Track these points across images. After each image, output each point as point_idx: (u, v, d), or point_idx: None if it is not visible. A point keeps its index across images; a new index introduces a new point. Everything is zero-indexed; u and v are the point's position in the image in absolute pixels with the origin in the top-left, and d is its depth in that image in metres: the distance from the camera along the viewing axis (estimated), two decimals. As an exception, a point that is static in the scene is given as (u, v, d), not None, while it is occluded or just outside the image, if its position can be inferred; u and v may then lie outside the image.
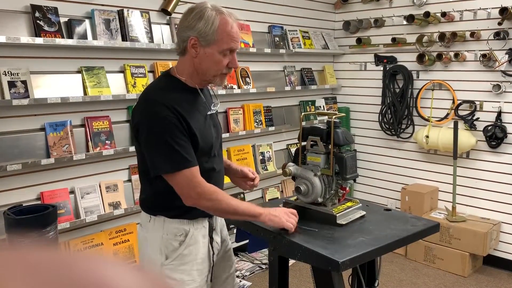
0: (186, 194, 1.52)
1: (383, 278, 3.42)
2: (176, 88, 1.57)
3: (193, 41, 1.51)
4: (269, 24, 3.94)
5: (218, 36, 1.50)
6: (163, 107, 1.47)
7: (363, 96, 4.43)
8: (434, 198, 3.93)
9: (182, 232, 1.60)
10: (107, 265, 0.30)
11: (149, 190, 1.63)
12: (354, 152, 1.79)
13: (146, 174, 1.60)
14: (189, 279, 1.61)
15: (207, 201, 1.52)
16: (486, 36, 3.50)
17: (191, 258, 1.61)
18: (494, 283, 3.40)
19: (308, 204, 1.79)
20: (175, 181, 1.52)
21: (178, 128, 1.48)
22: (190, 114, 1.53)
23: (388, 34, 4.10)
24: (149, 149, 1.52)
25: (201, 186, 1.51)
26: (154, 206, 1.63)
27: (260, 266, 3.57)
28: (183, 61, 1.59)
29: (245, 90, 3.64)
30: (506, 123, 3.50)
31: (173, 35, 3.19)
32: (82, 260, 0.29)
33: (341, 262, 1.40)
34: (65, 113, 2.71)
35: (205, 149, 1.59)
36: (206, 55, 1.52)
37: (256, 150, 3.89)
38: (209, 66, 1.54)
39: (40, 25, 2.51)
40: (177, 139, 1.48)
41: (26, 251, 0.29)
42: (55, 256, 0.30)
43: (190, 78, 1.59)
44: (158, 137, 1.48)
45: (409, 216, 1.87)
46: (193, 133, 1.52)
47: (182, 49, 1.56)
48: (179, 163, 1.48)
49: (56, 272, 0.28)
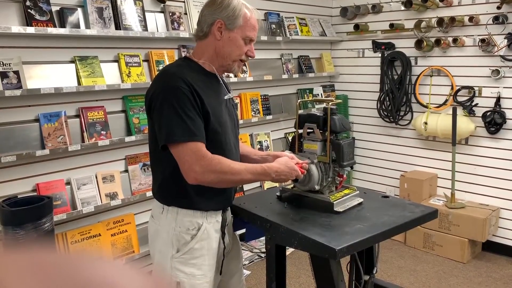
0: (188, 168, 1.47)
1: (382, 265, 3.42)
2: (194, 69, 1.60)
3: (220, 24, 1.56)
4: (266, 11, 3.89)
5: (243, 23, 1.58)
6: (178, 79, 1.49)
7: (361, 83, 4.39)
8: (433, 185, 3.92)
9: (195, 225, 1.59)
10: (112, 267, 0.30)
11: (161, 177, 1.61)
12: (351, 139, 1.77)
13: (158, 160, 1.59)
14: (199, 273, 1.60)
15: (211, 174, 1.48)
16: (485, 21, 3.46)
17: (203, 252, 1.60)
18: (493, 269, 3.40)
19: (305, 192, 1.78)
20: (179, 154, 1.48)
21: (190, 101, 1.48)
22: (205, 93, 1.53)
23: (386, 20, 4.05)
24: (159, 118, 1.50)
25: (205, 159, 1.47)
26: (168, 194, 1.61)
27: (259, 255, 3.57)
28: (203, 44, 1.62)
29: (242, 78, 3.61)
30: (505, 108, 3.48)
31: (168, 23, 3.14)
32: (87, 262, 0.29)
33: (338, 249, 1.38)
34: (59, 103, 2.68)
35: (218, 134, 1.57)
36: (230, 38, 1.58)
37: (254, 139, 3.87)
38: (231, 50, 1.59)
39: (32, 14, 2.47)
40: (187, 111, 1.47)
41: (31, 252, 0.30)
42: (60, 258, 0.30)
43: (209, 61, 1.62)
44: (169, 107, 1.47)
45: (407, 203, 1.85)
46: (206, 110, 1.51)
47: (206, 32, 1.59)
48: (185, 135, 1.46)
49: (62, 275, 0.28)
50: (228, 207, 1.74)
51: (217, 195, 1.61)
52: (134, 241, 2.99)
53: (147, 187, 3.03)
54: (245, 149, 1.86)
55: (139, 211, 3.10)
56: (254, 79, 3.69)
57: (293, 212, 1.72)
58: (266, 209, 1.74)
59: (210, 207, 1.61)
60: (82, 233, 2.76)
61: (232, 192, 1.70)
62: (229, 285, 1.84)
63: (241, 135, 3.71)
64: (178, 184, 1.54)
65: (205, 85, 1.57)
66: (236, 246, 1.85)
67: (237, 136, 1.74)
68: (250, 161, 1.80)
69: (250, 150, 1.88)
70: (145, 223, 3.08)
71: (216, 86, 1.64)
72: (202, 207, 1.59)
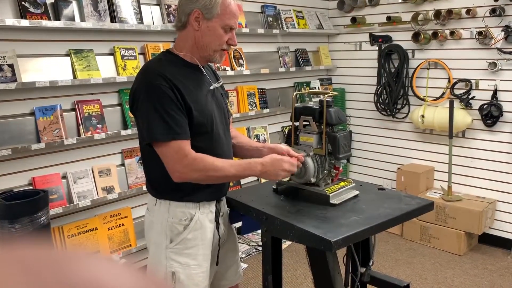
0: (172, 168, 1.49)
1: (378, 257, 3.44)
2: (175, 63, 1.57)
3: (197, 13, 1.52)
4: (262, 4, 3.87)
5: (221, 11, 1.52)
6: (157, 77, 1.47)
7: (359, 76, 4.38)
8: (429, 177, 3.93)
9: (188, 216, 1.59)
10: (103, 266, 0.29)
11: (152, 171, 1.61)
12: (348, 132, 1.77)
13: (147, 155, 1.58)
14: (194, 263, 1.60)
15: (194, 172, 1.49)
16: (482, 13, 3.45)
17: (197, 242, 1.60)
18: (489, 261, 3.42)
19: (301, 184, 1.77)
20: (162, 153, 1.49)
21: (171, 99, 1.46)
22: (187, 88, 1.51)
23: (383, 13, 4.04)
24: (140, 117, 1.51)
25: (187, 158, 1.47)
26: (160, 188, 1.61)
27: (257, 248, 3.58)
28: (183, 35, 1.59)
29: (239, 72, 3.59)
30: (502, 101, 3.48)
31: (163, 16, 3.12)
32: (79, 260, 0.29)
33: (334, 241, 1.38)
34: (54, 97, 2.66)
35: (204, 126, 1.55)
36: (209, 28, 1.53)
37: (251, 132, 3.86)
38: (211, 40, 1.55)
39: (26, 7, 2.45)
40: (168, 109, 1.45)
41: (23, 250, 0.29)
42: (52, 256, 0.29)
43: (190, 53, 1.59)
44: (149, 105, 1.46)
45: (403, 195, 1.85)
46: (188, 106, 1.50)
47: (184, 22, 1.55)
48: (167, 134, 1.46)
49: (54, 273, 0.27)
50: (222, 197, 1.74)
51: (208, 187, 1.60)
52: (131, 235, 2.99)
53: (143, 181, 3.03)
54: (241, 140, 1.85)
55: (135, 205, 3.09)
56: (251, 72, 3.68)
57: (289, 204, 1.72)
58: (262, 202, 1.74)
59: (203, 198, 1.61)
60: (78, 227, 2.76)
61: (223, 184, 1.69)
62: (225, 277, 1.84)
63: (238, 128, 3.71)
64: (168, 178, 1.53)
65: (187, 78, 1.54)
66: (232, 238, 1.85)
67: (228, 125, 1.72)
68: (245, 152, 1.79)
69: (246, 141, 1.86)
70: (141, 216, 3.08)
71: (199, 78, 1.61)
72: (193, 199, 1.59)
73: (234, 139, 1.80)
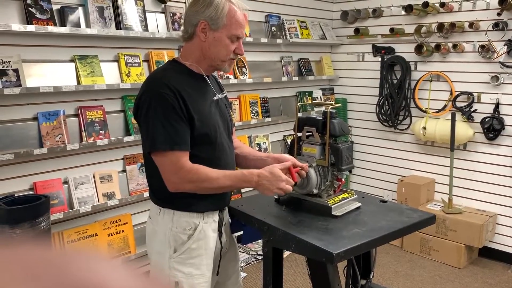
0: (167, 178, 1.49)
1: (378, 269, 3.42)
2: (180, 73, 1.57)
3: (203, 25, 1.52)
4: (266, 13, 3.89)
5: (227, 21, 1.52)
6: (163, 85, 1.48)
7: (361, 87, 4.40)
8: (430, 190, 3.92)
9: (192, 225, 1.58)
10: (106, 267, 0.29)
11: (155, 180, 1.59)
12: (350, 143, 1.77)
13: (150, 164, 1.57)
14: (198, 273, 1.59)
15: (188, 184, 1.49)
16: (485, 27, 3.46)
17: (200, 252, 1.59)
18: (489, 275, 3.41)
19: (304, 195, 1.77)
20: (158, 162, 1.50)
21: (175, 108, 1.46)
22: (191, 97, 1.51)
23: (386, 25, 4.06)
24: (144, 125, 1.51)
25: (182, 170, 1.47)
26: (163, 196, 1.59)
27: (256, 257, 3.56)
28: (189, 46, 1.59)
29: (242, 80, 3.61)
30: (503, 115, 3.48)
31: (168, 23, 3.14)
32: (80, 261, 0.29)
33: (336, 253, 1.38)
34: (58, 102, 2.67)
35: (208, 136, 1.56)
36: (215, 39, 1.54)
37: (253, 141, 3.87)
38: (218, 50, 1.55)
39: (32, 13, 2.47)
40: (170, 119, 1.46)
41: (24, 250, 0.29)
42: (52, 256, 0.29)
43: (197, 63, 1.59)
44: (153, 114, 1.47)
45: (404, 208, 1.85)
46: (191, 116, 1.50)
47: (191, 34, 1.56)
48: (166, 143, 1.46)
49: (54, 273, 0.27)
50: (225, 207, 1.73)
51: (211, 196, 1.59)
52: (130, 241, 2.98)
53: (144, 188, 3.02)
54: (245, 150, 1.84)
55: (136, 212, 3.09)
56: (253, 81, 3.69)
57: (291, 215, 1.72)
58: (264, 212, 1.73)
59: (206, 208, 1.60)
60: (78, 233, 2.75)
61: (226, 193, 1.68)
62: (225, 287, 1.83)
63: (240, 136, 3.71)
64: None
65: (192, 88, 1.55)
66: (233, 247, 1.85)
67: (231, 135, 1.73)
68: (249, 163, 1.79)
69: (249, 152, 1.85)
70: (142, 223, 3.07)
71: (204, 88, 1.61)
72: (198, 208, 1.59)
73: (237, 149, 1.80)
